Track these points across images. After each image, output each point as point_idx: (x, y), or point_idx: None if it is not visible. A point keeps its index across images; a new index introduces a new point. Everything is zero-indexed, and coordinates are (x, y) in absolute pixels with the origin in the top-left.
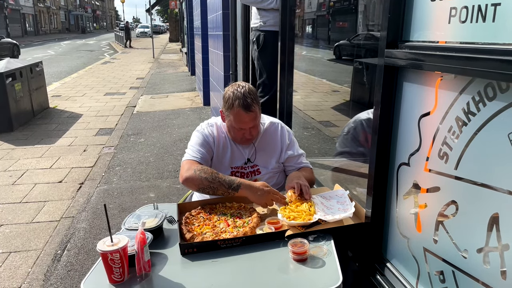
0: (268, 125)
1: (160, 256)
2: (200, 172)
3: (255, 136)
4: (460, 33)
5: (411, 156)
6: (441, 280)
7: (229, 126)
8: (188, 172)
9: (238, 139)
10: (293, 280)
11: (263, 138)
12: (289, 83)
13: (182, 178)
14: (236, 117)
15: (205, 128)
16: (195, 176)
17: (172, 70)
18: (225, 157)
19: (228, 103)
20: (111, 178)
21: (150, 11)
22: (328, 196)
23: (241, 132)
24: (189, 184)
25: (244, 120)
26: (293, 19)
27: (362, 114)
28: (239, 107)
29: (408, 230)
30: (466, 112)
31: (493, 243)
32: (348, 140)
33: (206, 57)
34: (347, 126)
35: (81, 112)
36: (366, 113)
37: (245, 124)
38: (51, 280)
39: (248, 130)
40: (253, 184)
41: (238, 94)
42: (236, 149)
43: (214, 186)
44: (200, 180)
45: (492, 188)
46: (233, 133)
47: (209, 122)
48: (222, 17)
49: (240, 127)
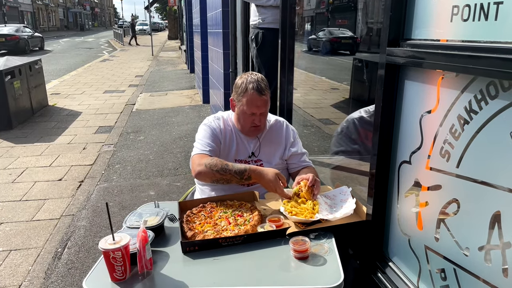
0: (274, 122)
1: (162, 254)
2: (210, 165)
3: (263, 125)
4: (462, 32)
5: (412, 154)
6: (442, 278)
7: (239, 114)
8: (199, 166)
9: (246, 127)
10: (294, 278)
11: (268, 133)
12: (289, 80)
13: (195, 172)
14: (249, 100)
15: (212, 121)
16: (207, 170)
17: (171, 67)
18: (231, 150)
19: (241, 88)
20: (111, 176)
21: (149, 8)
22: (332, 195)
23: (251, 118)
24: (202, 178)
25: (257, 104)
26: (293, 17)
27: (355, 113)
28: (252, 89)
29: (409, 228)
30: (468, 111)
31: (494, 241)
32: (342, 139)
33: (205, 55)
34: (340, 126)
35: (80, 110)
36: (358, 112)
37: (257, 109)
38: (52, 278)
39: (258, 116)
40: (262, 172)
41: (251, 79)
42: (241, 143)
43: (227, 178)
44: (212, 174)
45: (494, 186)
46: (243, 120)
47: (215, 116)
48: (222, 14)
49: (252, 112)
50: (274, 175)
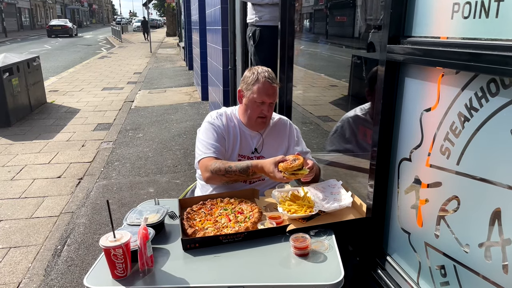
0: (277, 120)
1: (162, 251)
2: (215, 171)
3: (269, 118)
4: (462, 29)
5: (412, 151)
6: (442, 274)
7: (247, 104)
8: (207, 173)
9: (253, 118)
10: (295, 275)
11: (271, 130)
12: (289, 78)
13: (205, 179)
14: (261, 89)
15: (215, 119)
16: (214, 176)
17: (169, 64)
18: (236, 146)
19: (252, 78)
20: (110, 173)
21: (147, 5)
22: (321, 187)
23: (259, 108)
24: (212, 182)
25: (268, 92)
26: (293, 14)
27: (350, 112)
28: (264, 78)
29: (409, 225)
30: (468, 108)
31: (495, 238)
32: (335, 139)
33: (204, 52)
34: (335, 126)
35: (78, 107)
36: (353, 111)
37: (267, 97)
38: (52, 275)
39: (267, 106)
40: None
41: (262, 70)
42: (245, 139)
43: (233, 178)
44: (219, 178)
45: (495, 183)
46: (251, 110)
47: (218, 112)
48: (221, 11)
49: (262, 100)
50: (272, 165)
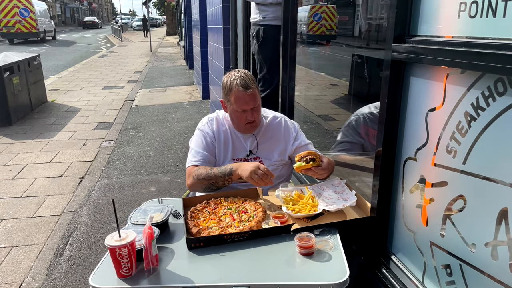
0: (271, 119)
1: (167, 250)
2: (197, 175)
3: (258, 121)
4: (469, 28)
5: (418, 151)
6: (448, 273)
7: (231, 114)
8: (189, 180)
9: (242, 126)
10: (300, 274)
11: (265, 130)
12: (291, 77)
13: (188, 186)
14: (236, 98)
15: (205, 125)
16: (195, 182)
17: (170, 63)
18: (228, 150)
19: (227, 88)
20: (111, 172)
21: (147, 4)
22: (325, 187)
23: (244, 115)
24: (194, 189)
25: (245, 100)
26: (295, 12)
27: (364, 108)
28: (237, 86)
29: (414, 224)
30: (475, 107)
31: (501, 237)
32: (348, 131)
33: (205, 51)
34: (349, 119)
35: (79, 106)
36: (367, 107)
37: (246, 105)
38: (54, 274)
39: (250, 112)
40: (243, 165)
41: (234, 77)
42: (238, 142)
43: (213, 181)
44: (200, 182)
45: (502, 183)
46: (236, 119)
47: (209, 117)
48: (222, 10)
49: (242, 109)
50: (251, 167)
